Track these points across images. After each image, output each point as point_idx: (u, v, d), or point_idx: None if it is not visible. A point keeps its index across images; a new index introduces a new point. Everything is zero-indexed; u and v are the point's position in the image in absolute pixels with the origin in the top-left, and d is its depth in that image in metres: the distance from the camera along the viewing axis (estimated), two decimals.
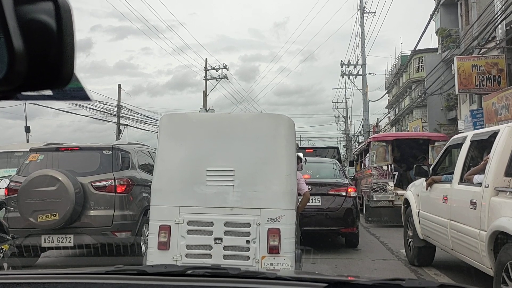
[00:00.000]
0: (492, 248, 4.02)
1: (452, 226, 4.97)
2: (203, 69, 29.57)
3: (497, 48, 15.06)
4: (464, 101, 19.91)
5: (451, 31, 22.01)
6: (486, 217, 4.12)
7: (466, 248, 4.64)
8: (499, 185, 4.10)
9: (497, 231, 3.87)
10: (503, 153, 4.19)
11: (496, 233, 3.91)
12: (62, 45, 0.55)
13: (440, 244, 5.59)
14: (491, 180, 4.17)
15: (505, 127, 4.42)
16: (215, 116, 5.14)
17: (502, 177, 4.13)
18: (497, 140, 4.35)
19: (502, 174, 4.14)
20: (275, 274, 1.37)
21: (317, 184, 7.56)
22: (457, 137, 5.92)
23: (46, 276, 1.38)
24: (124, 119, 25.80)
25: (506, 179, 4.10)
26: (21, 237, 5.95)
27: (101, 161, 6.37)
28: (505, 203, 3.88)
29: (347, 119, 47.41)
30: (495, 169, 4.19)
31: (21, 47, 0.53)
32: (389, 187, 11.11)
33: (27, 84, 0.56)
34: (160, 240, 3.95)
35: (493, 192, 4.11)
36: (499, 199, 4.02)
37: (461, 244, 4.78)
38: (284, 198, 3.97)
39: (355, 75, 27.77)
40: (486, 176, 4.29)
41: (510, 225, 3.64)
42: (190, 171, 4.06)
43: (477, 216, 4.31)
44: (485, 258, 4.14)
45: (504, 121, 12.02)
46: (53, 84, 0.59)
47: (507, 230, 3.69)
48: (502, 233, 3.80)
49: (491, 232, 3.95)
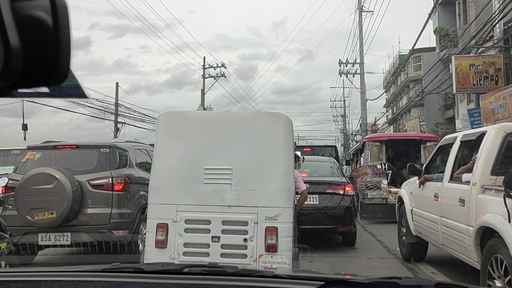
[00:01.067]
0: (479, 243, 4.21)
1: (442, 222, 5.16)
2: (201, 67, 29.56)
3: (495, 47, 15.09)
4: (462, 100, 19.95)
5: (449, 30, 22.06)
6: (473, 213, 4.33)
7: (456, 243, 4.82)
8: (485, 183, 4.29)
9: (483, 226, 4.07)
10: (489, 153, 4.40)
11: (482, 229, 4.10)
12: (58, 42, 0.55)
13: (432, 240, 5.77)
14: (478, 179, 4.37)
15: (491, 128, 4.61)
16: (213, 115, 5.13)
17: (489, 176, 4.32)
18: (484, 140, 4.54)
19: (488, 173, 4.34)
20: (272, 272, 1.37)
21: (314, 183, 7.57)
22: (448, 137, 6.11)
23: (43, 274, 1.37)
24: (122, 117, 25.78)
25: (492, 178, 4.29)
26: (18, 235, 5.95)
27: (98, 159, 6.36)
28: (491, 200, 4.07)
29: (345, 118, 47.47)
30: (482, 168, 4.39)
31: (17, 44, 0.52)
32: (382, 185, 11.62)
33: (23, 80, 0.56)
34: (158, 238, 3.94)
35: (480, 190, 4.31)
36: (486, 196, 4.21)
37: (451, 239, 4.97)
38: (282, 197, 3.97)
39: (353, 74, 27.78)
40: (474, 174, 4.49)
41: (494, 221, 3.83)
42: (187, 169, 4.06)
43: (465, 212, 4.51)
44: (473, 252, 4.33)
45: (501, 120, 12.06)
46: (49, 80, 0.59)
47: (492, 226, 3.88)
48: (488, 228, 3.99)
49: (477, 227, 4.15)
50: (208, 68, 29.51)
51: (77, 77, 0.68)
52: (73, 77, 0.67)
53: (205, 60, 29.75)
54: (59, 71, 0.57)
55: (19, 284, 1.29)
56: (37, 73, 0.56)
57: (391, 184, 11.84)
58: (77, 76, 0.68)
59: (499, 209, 3.77)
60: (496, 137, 4.43)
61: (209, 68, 29.53)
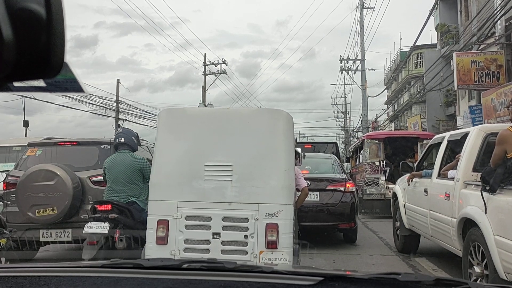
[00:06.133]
0: (461, 232, 4.65)
1: (431, 215, 5.60)
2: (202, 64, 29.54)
3: (496, 44, 15.04)
4: (463, 97, 19.92)
5: (450, 27, 21.99)
6: (456, 206, 4.77)
7: (442, 234, 5.26)
8: (467, 179, 4.72)
9: (464, 217, 4.49)
10: (471, 151, 4.82)
11: (463, 220, 4.53)
12: (52, 34, 0.55)
13: (422, 232, 6.20)
14: (461, 175, 4.81)
15: (474, 129, 5.06)
16: (214, 111, 5.12)
17: (470, 173, 4.76)
18: (467, 140, 4.97)
19: (470, 169, 4.77)
20: (272, 268, 1.36)
21: (315, 180, 7.57)
22: (437, 136, 6.60)
23: (42, 270, 1.37)
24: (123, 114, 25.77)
25: (474, 174, 4.71)
26: (19, 231, 5.96)
27: (99, 155, 6.35)
28: (471, 194, 4.48)
29: (346, 115, 47.42)
30: (465, 166, 4.83)
31: (10, 35, 0.52)
32: (381, 182, 12.09)
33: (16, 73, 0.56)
34: (158, 234, 3.95)
35: (463, 185, 4.74)
36: (467, 191, 4.64)
37: (438, 230, 5.41)
38: (283, 193, 3.97)
39: (354, 70, 27.75)
40: (458, 171, 4.92)
41: (473, 213, 4.26)
42: (188, 166, 4.06)
43: (450, 206, 4.95)
44: (456, 241, 4.79)
45: (502, 117, 12.04)
46: (43, 73, 0.59)
47: (471, 217, 4.30)
48: (468, 219, 4.41)
49: (459, 218, 4.59)
50: (209, 65, 29.50)
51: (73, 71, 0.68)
52: (69, 71, 0.66)
53: (206, 57, 29.89)
54: (53, 63, 0.57)
55: (18, 279, 1.29)
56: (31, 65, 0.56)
57: (389, 180, 12.18)
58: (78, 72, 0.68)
59: (478, 202, 4.16)
60: (477, 137, 4.84)
61: (210, 65, 29.53)
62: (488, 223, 3.97)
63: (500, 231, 3.82)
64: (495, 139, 4.25)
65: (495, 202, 3.94)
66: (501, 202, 3.87)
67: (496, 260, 3.80)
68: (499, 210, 3.89)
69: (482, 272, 4.15)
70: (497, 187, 3.91)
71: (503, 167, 3.95)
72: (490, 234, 3.90)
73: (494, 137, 4.41)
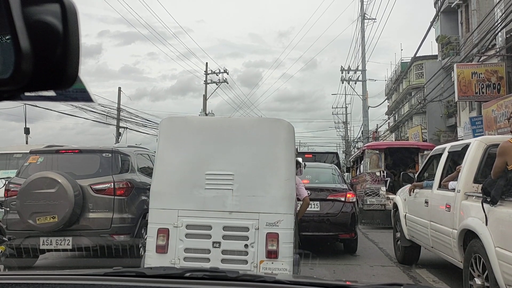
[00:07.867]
0: (462, 244, 4.63)
1: (432, 226, 5.56)
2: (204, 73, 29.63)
3: (497, 56, 15.10)
4: (464, 108, 19.94)
5: (451, 38, 22.10)
6: (457, 217, 4.75)
7: (443, 245, 5.22)
8: (468, 191, 4.71)
9: (465, 229, 4.48)
10: (472, 163, 4.82)
11: (464, 231, 4.51)
12: (68, 46, 0.56)
13: (423, 243, 6.16)
14: (462, 186, 4.80)
15: (474, 141, 5.06)
16: (215, 120, 5.13)
17: (471, 184, 4.74)
18: (468, 152, 4.96)
19: (471, 181, 4.76)
20: (274, 278, 1.37)
21: (316, 189, 7.55)
22: (438, 147, 6.61)
23: (44, 277, 1.38)
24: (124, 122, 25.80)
25: (474, 185, 4.70)
26: (18, 238, 5.94)
27: (100, 164, 6.36)
28: (472, 206, 4.48)
29: (346, 125, 47.45)
30: (466, 177, 4.82)
31: (28, 48, 0.53)
32: (381, 192, 12.05)
33: (32, 84, 0.57)
34: (159, 243, 3.94)
35: (464, 197, 4.73)
36: (468, 202, 4.63)
37: (439, 242, 5.36)
38: (283, 203, 3.97)
39: (355, 81, 27.83)
40: (458, 183, 4.91)
41: (474, 224, 4.24)
42: (189, 175, 4.06)
43: (450, 217, 4.94)
44: (457, 253, 4.76)
45: (503, 129, 12.04)
46: (57, 84, 0.60)
47: (472, 228, 4.28)
48: (469, 231, 4.39)
49: (460, 230, 4.58)
50: (211, 74, 29.59)
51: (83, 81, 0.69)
52: (79, 81, 0.68)
53: (207, 65, 29.85)
54: (68, 75, 0.58)
55: (21, 287, 1.29)
56: (47, 77, 0.58)
57: (390, 191, 12.15)
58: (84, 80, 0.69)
59: (479, 213, 4.16)
60: (478, 149, 4.84)
61: (212, 74, 29.62)
62: (489, 234, 3.97)
63: (501, 243, 3.81)
64: (496, 150, 4.26)
65: (496, 214, 3.94)
66: (502, 214, 3.87)
67: (497, 272, 3.79)
68: (500, 222, 3.89)
69: (483, 284, 4.13)
70: (498, 199, 3.92)
71: (504, 178, 3.96)
72: (491, 246, 3.90)
73: (495, 148, 4.42)
